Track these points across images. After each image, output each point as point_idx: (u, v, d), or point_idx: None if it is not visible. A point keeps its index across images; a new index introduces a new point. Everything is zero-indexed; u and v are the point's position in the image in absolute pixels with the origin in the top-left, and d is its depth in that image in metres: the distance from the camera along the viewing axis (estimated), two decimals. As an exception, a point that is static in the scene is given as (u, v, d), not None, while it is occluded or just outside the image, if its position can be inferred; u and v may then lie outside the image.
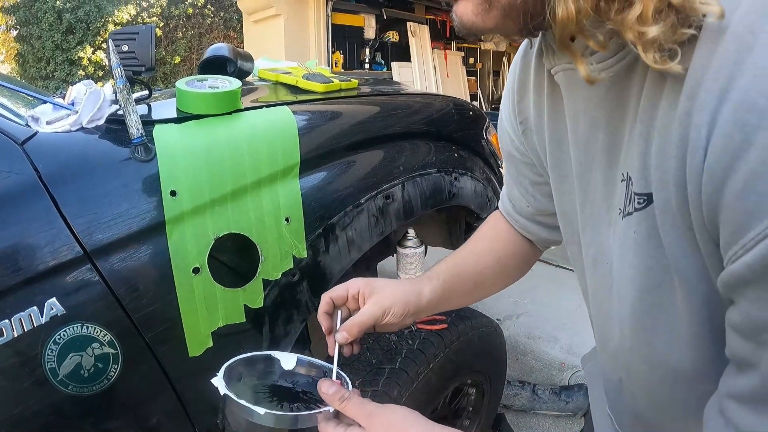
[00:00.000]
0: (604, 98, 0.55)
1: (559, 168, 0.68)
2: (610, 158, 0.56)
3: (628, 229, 0.55)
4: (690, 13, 0.42)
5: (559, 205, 0.72)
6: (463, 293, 0.88)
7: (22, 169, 0.80)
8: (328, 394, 0.67)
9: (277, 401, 0.74)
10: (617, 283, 0.59)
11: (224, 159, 0.95)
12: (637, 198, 0.52)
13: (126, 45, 1.02)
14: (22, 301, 0.76)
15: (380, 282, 0.80)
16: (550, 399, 2.08)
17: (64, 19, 8.67)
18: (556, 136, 0.67)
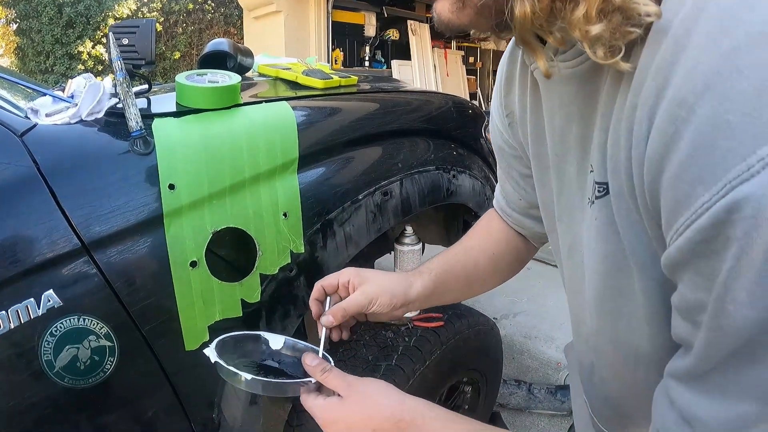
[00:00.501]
0: (577, 94, 0.57)
1: (539, 160, 0.71)
2: (582, 150, 0.59)
3: (591, 217, 0.58)
4: (631, 13, 0.44)
5: (540, 195, 0.75)
6: (455, 289, 0.89)
7: (21, 161, 0.80)
8: (311, 365, 0.71)
9: (263, 375, 0.76)
10: (587, 267, 0.61)
11: (223, 153, 0.95)
12: (597, 186, 0.55)
13: (126, 38, 1.02)
14: (19, 292, 0.76)
15: (371, 273, 0.82)
16: (545, 398, 2.09)
17: (64, 13, 8.66)
18: (536, 130, 0.70)
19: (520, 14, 0.48)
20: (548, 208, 0.73)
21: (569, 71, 0.56)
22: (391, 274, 0.84)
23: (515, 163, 0.84)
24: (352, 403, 0.68)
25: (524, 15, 0.48)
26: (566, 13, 0.47)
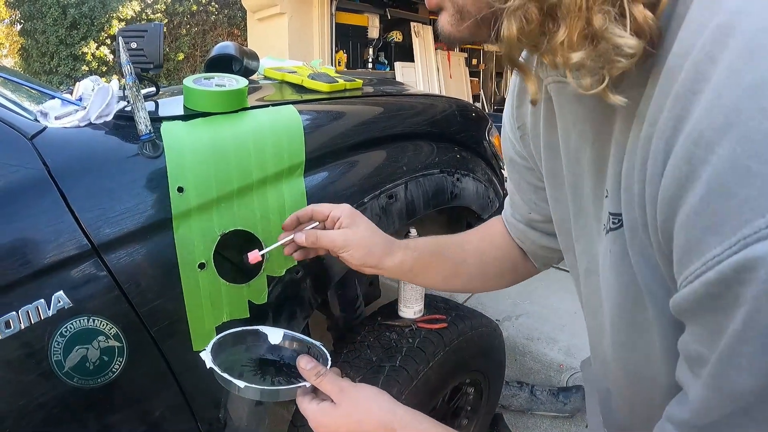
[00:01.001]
0: (591, 113, 0.55)
1: (554, 176, 0.69)
2: (597, 172, 0.57)
3: (607, 247, 0.56)
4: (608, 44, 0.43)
5: (554, 212, 0.73)
6: (434, 275, 0.90)
7: (32, 164, 0.81)
8: (305, 369, 0.73)
9: (261, 375, 0.78)
10: (604, 300, 0.60)
11: (231, 157, 0.96)
12: (612, 218, 0.54)
13: (135, 42, 1.03)
14: (29, 293, 0.77)
15: (363, 222, 0.84)
16: (548, 400, 2.09)
17: (69, 14, 8.68)
18: (550, 145, 0.68)
19: (507, 36, 0.47)
20: (564, 225, 0.71)
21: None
22: (379, 232, 0.86)
23: (527, 175, 0.83)
24: (344, 409, 0.69)
25: (511, 37, 0.47)
26: (550, 35, 0.46)
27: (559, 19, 0.44)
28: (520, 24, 0.46)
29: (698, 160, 0.37)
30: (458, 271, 0.91)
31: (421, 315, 1.47)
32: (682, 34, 0.42)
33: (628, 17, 0.42)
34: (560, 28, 0.44)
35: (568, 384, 2.25)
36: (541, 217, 0.84)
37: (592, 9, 0.42)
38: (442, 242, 0.90)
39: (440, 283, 0.93)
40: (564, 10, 0.43)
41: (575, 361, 2.40)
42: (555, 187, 0.70)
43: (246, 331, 0.85)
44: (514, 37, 0.46)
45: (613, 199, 0.53)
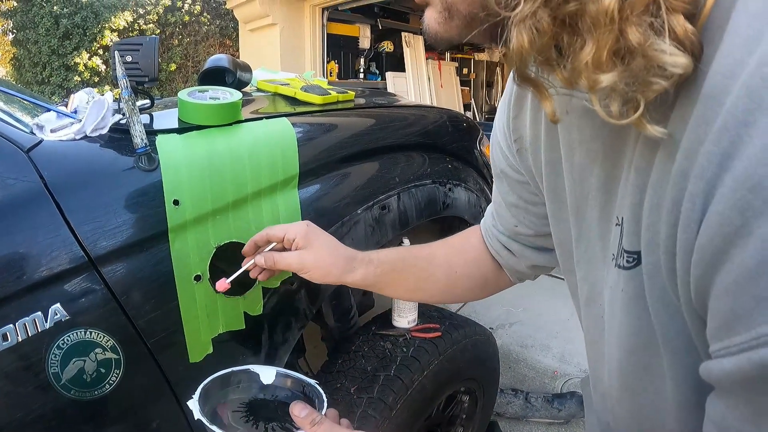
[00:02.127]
0: (601, 128, 0.50)
1: (555, 194, 0.64)
2: (606, 194, 0.52)
3: (617, 283, 0.51)
4: (651, 62, 0.36)
5: (555, 232, 0.68)
6: (397, 289, 0.88)
7: (28, 177, 0.81)
8: (299, 417, 0.68)
9: (253, 420, 0.75)
10: (608, 331, 0.56)
11: (226, 169, 0.97)
12: (627, 255, 0.48)
13: (130, 56, 1.03)
14: (26, 306, 0.77)
15: (318, 240, 0.83)
16: (542, 407, 2.10)
17: (61, 25, 8.65)
18: (552, 161, 0.63)
19: (517, 47, 0.40)
20: (565, 246, 0.66)
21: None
22: (337, 249, 0.84)
23: (519, 189, 0.77)
24: None
25: (521, 48, 0.40)
26: (572, 52, 0.39)
27: (583, 32, 0.38)
28: (530, 36, 0.39)
29: (754, 212, 0.31)
30: (423, 285, 0.88)
31: (415, 324, 1.48)
32: (727, 47, 0.36)
33: (667, 31, 0.36)
34: (586, 44, 0.38)
35: (562, 390, 2.26)
36: (530, 231, 0.80)
37: (627, 20, 0.35)
38: (409, 257, 0.87)
39: (403, 296, 0.93)
40: (589, 21, 0.37)
41: (569, 368, 2.41)
42: (556, 207, 0.65)
43: (235, 372, 0.81)
44: (526, 50, 0.40)
45: (630, 234, 0.47)
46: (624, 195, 0.48)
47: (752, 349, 0.32)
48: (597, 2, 0.36)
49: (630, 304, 0.49)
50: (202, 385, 0.75)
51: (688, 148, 0.37)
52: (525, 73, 0.44)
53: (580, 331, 0.72)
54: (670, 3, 0.35)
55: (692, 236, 0.37)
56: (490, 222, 0.87)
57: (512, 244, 0.83)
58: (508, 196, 0.80)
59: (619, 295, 0.50)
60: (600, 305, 0.58)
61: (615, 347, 0.54)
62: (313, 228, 0.84)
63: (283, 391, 0.82)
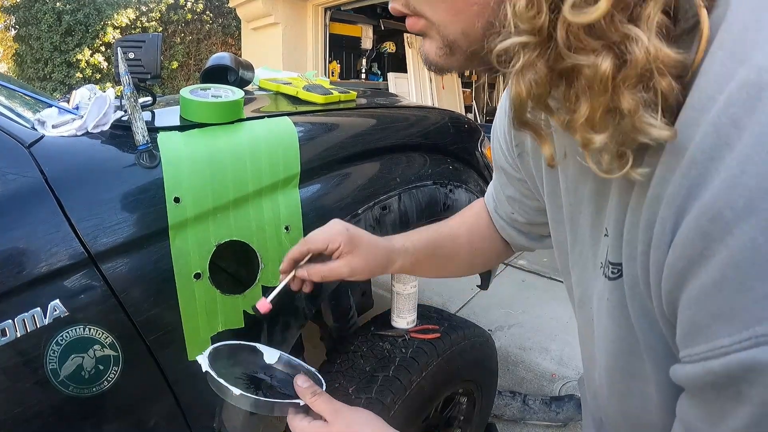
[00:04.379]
0: None
1: (553, 198, 0.66)
2: (597, 205, 0.55)
3: (603, 292, 0.54)
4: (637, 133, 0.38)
5: (554, 234, 0.70)
6: (427, 271, 0.92)
7: (29, 172, 0.81)
8: (302, 387, 0.72)
9: (253, 389, 0.76)
10: (596, 335, 0.59)
11: (227, 168, 0.97)
12: (612, 267, 0.51)
13: (132, 52, 1.03)
14: (26, 301, 0.77)
15: (362, 244, 0.81)
16: (540, 409, 2.10)
17: (64, 21, 8.66)
18: (550, 170, 0.65)
19: (515, 96, 0.42)
20: (562, 248, 0.68)
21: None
22: (377, 247, 0.83)
23: (516, 184, 0.80)
24: (336, 428, 0.68)
25: (519, 97, 0.42)
26: (567, 107, 0.41)
27: (578, 90, 0.39)
28: (528, 86, 0.41)
29: (713, 239, 0.35)
30: (449, 264, 0.92)
31: (414, 325, 1.48)
32: (701, 82, 0.38)
33: (659, 101, 0.38)
34: (580, 102, 0.39)
35: (560, 393, 2.25)
36: (524, 219, 0.84)
37: (619, 88, 0.37)
38: (438, 239, 0.89)
39: (430, 275, 0.95)
40: (584, 81, 0.38)
41: (567, 371, 2.41)
42: (555, 211, 0.67)
43: (243, 346, 0.83)
44: (523, 99, 0.42)
45: (614, 247, 0.50)
46: (611, 210, 0.51)
47: (707, 360, 0.37)
48: (593, 67, 0.37)
49: (614, 312, 0.52)
50: (212, 346, 0.77)
51: (661, 176, 0.40)
52: (523, 119, 0.45)
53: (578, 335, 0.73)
54: (661, 69, 0.37)
55: (662, 255, 0.40)
56: (493, 205, 0.90)
57: (509, 230, 0.88)
58: (506, 189, 0.83)
59: (605, 304, 0.53)
60: (590, 308, 0.61)
61: (602, 351, 0.57)
62: (353, 230, 0.82)
63: (281, 374, 0.83)
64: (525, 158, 0.73)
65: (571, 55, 0.38)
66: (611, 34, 0.37)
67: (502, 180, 0.84)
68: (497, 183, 0.87)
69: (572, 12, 0.36)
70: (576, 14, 0.36)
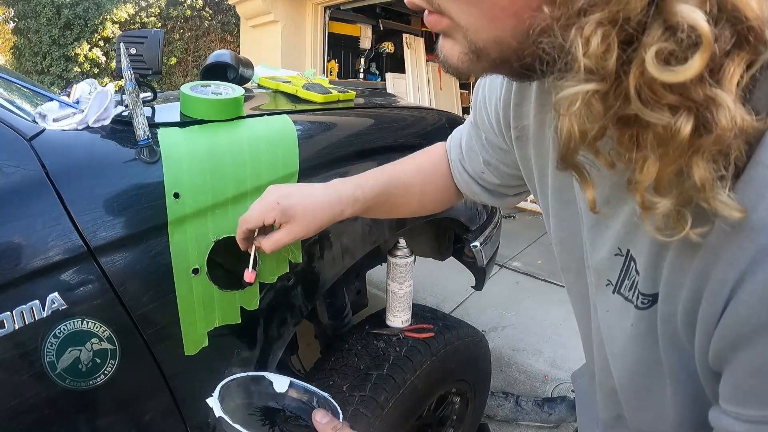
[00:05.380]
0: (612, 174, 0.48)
1: (562, 193, 0.63)
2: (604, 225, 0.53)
3: (621, 315, 0.53)
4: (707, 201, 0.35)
5: (556, 230, 0.67)
6: (375, 214, 0.93)
7: (30, 165, 0.81)
8: (321, 423, 0.70)
9: (269, 425, 0.75)
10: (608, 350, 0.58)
11: (226, 164, 0.98)
12: (642, 297, 0.49)
13: (134, 48, 1.04)
14: (24, 294, 0.77)
15: (296, 214, 0.82)
16: (533, 410, 2.11)
17: (63, 15, 8.62)
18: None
19: (566, 136, 0.39)
20: (568, 245, 0.66)
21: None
22: (318, 206, 0.83)
23: (498, 153, 0.79)
24: None
25: (571, 137, 0.38)
26: (627, 159, 0.38)
27: (645, 148, 0.36)
28: (583, 129, 0.37)
29: None
30: (398, 211, 0.94)
31: (409, 324, 1.49)
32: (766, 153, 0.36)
33: (731, 166, 0.35)
34: (648, 164, 0.36)
35: (553, 395, 2.27)
36: (496, 181, 0.83)
37: (694, 155, 0.34)
38: (390, 188, 0.89)
39: (377, 217, 0.98)
40: (655, 141, 0.35)
41: (560, 372, 2.42)
42: (561, 205, 0.64)
43: (251, 377, 0.82)
44: (576, 141, 0.38)
45: (648, 280, 0.48)
46: (635, 233, 0.48)
47: (762, 424, 0.38)
48: (668, 127, 0.34)
49: (639, 338, 0.51)
50: (220, 385, 0.75)
51: (722, 233, 0.37)
52: (572, 161, 0.42)
53: (571, 337, 0.74)
54: (738, 137, 0.34)
55: (717, 311, 0.39)
56: (458, 157, 0.89)
57: (473, 185, 0.87)
58: (483, 152, 0.82)
59: (628, 329, 0.52)
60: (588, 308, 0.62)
61: (619, 368, 0.57)
62: (285, 202, 0.82)
63: (294, 401, 0.82)
64: (523, 143, 0.69)
65: (644, 110, 0.34)
66: (695, 95, 0.33)
67: (480, 142, 0.82)
68: (471, 141, 0.85)
69: (657, 67, 0.33)
70: (661, 71, 0.33)
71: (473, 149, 0.84)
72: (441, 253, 1.87)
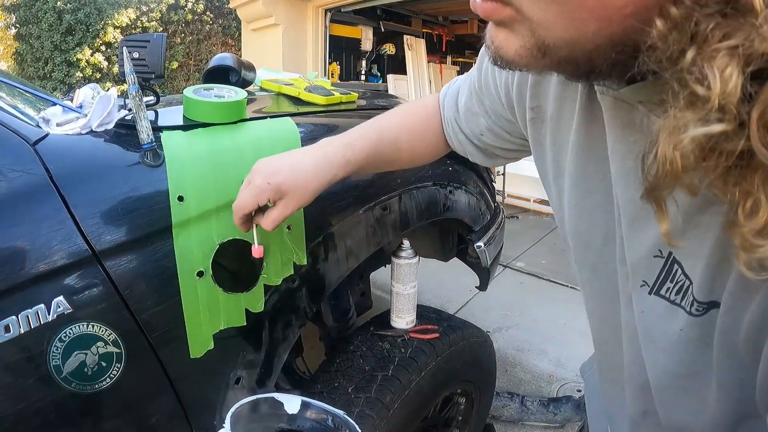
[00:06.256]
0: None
1: (583, 181, 0.60)
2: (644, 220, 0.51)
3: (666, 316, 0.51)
4: None
5: (573, 221, 0.64)
6: (365, 171, 0.94)
7: (34, 170, 0.81)
8: None
9: None
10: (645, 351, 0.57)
11: (230, 167, 0.98)
12: (697, 304, 0.47)
13: (137, 52, 1.04)
14: (29, 298, 0.77)
15: (288, 183, 0.82)
16: (538, 410, 2.11)
17: (64, 20, 8.67)
18: (585, 149, 0.59)
19: (670, 166, 0.35)
20: (584, 239, 0.63)
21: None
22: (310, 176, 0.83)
23: (503, 122, 0.78)
24: None
25: (672, 168, 0.35)
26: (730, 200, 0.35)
27: (749, 183, 0.33)
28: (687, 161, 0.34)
29: None
30: (388, 166, 0.96)
31: (414, 325, 1.49)
32: None
33: None
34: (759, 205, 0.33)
35: (558, 394, 2.26)
36: (494, 144, 0.83)
37: None
38: (380, 147, 0.89)
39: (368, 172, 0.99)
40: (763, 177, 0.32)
41: (565, 372, 2.42)
42: (581, 194, 0.61)
43: (260, 400, 0.79)
44: (677, 168, 0.34)
45: (705, 288, 0.46)
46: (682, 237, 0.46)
47: None
48: None
49: (689, 344, 0.50)
50: (230, 413, 0.72)
51: None
52: (663, 193, 0.39)
53: (576, 336, 0.73)
54: None
55: None
56: (453, 114, 0.88)
57: (468, 146, 0.87)
58: (485, 118, 0.81)
59: (675, 333, 0.50)
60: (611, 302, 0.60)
61: (656, 367, 0.56)
62: (274, 179, 0.82)
63: (307, 421, 0.79)
64: (538, 126, 0.66)
65: (764, 151, 0.31)
66: None
67: (483, 108, 0.80)
68: (471, 103, 0.83)
69: None
70: None
71: (472, 110, 0.83)
72: (445, 254, 1.87)
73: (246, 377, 1.04)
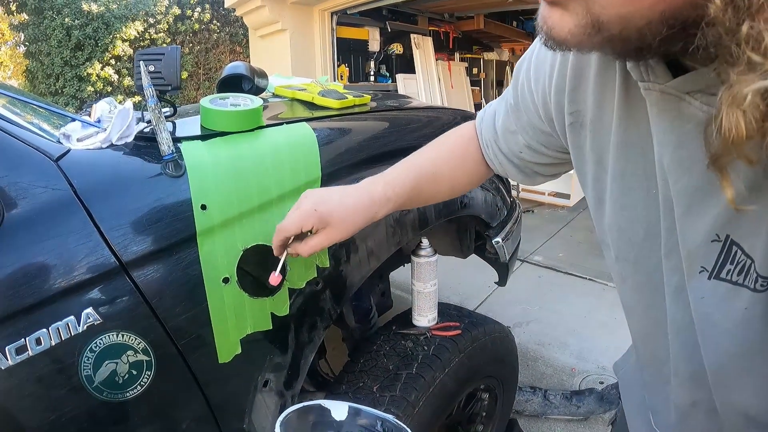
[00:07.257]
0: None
1: (624, 178, 0.61)
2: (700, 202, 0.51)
3: (728, 297, 0.52)
4: None
5: (614, 217, 0.65)
6: (406, 207, 0.94)
7: (58, 185, 0.83)
8: None
9: None
10: (701, 336, 0.58)
11: (250, 174, 0.99)
12: (762, 279, 0.48)
13: (153, 65, 1.06)
14: (60, 311, 0.79)
15: (333, 220, 0.83)
16: (561, 404, 2.11)
17: (73, 36, 8.73)
18: (627, 147, 0.60)
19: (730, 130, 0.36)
20: (626, 234, 0.64)
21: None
22: (355, 210, 0.85)
23: (540, 136, 0.78)
24: None
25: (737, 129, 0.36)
26: None
27: None
28: (749, 123, 0.35)
29: None
30: (430, 200, 0.96)
31: (435, 323, 1.50)
32: None
33: None
34: None
35: (580, 387, 2.26)
36: (533, 160, 0.83)
37: None
38: (421, 182, 0.89)
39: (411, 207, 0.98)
40: None
41: (587, 365, 2.41)
42: (622, 191, 0.62)
43: (308, 407, 0.78)
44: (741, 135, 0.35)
45: (765, 264, 0.47)
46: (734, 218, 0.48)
47: None
48: None
49: (755, 320, 0.50)
50: (279, 421, 0.72)
51: None
52: (726, 161, 0.40)
53: (596, 328, 0.73)
54: None
55: None
56: (491, 136, 0.88)
57: (508, 166, 0.87)
58: (524, 135, 0.81)
59: (740, 312, 0.51)
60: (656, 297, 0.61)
61: (716, 352, 0.56)
62: (322, 209, 0.83)
63: (355, 427, 0.79)
64: (577, 129, 0.67)
65: None
66: None
67: (521, 125, 0.81)
68: (509, 122, 0.84)
69: None
70: None
71: (510, 129, 0.84)
72: (463, 251, 1.88)
73: (274, 380, 1.06)
